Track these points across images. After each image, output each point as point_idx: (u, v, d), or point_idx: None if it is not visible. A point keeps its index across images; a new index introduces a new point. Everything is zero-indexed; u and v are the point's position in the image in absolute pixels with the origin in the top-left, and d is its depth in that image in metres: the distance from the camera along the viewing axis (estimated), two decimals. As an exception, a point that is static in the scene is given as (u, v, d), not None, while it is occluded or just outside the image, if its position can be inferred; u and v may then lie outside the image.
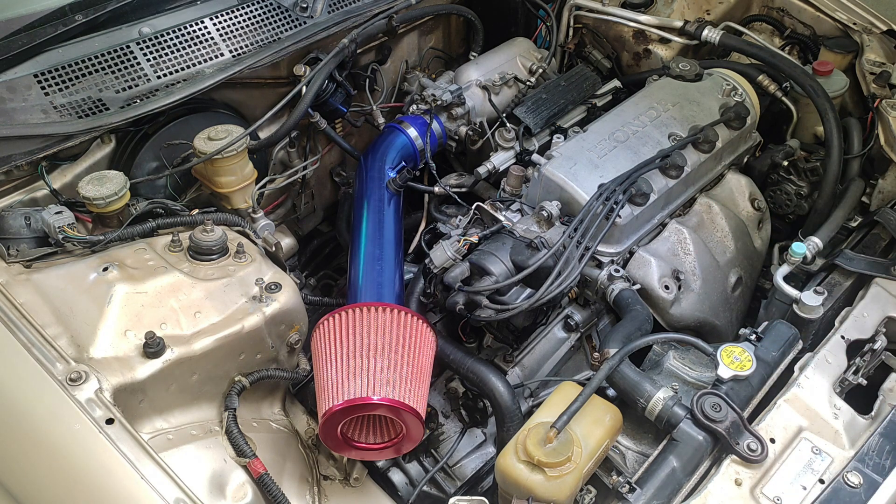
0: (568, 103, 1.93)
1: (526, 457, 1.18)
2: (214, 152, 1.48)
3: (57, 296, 1.23)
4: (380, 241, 1.67)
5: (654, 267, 1.58)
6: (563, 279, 1.45)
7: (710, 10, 2.20)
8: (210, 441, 1.21)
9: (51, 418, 1.06)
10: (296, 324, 1.38)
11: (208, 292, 1.29)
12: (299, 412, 1.46)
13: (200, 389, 1.26)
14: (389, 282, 1.59)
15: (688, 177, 1.69)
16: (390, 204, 1.76)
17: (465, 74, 1.98)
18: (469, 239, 1.56)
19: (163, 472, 1.01)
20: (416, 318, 1.29)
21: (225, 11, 1.63)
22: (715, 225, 1.74)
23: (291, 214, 1.95)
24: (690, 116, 1.77)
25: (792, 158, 1.94)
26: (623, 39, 2.19)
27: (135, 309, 1.23)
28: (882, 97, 1.88)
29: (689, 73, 1.89)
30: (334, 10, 1.77)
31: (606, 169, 1.62)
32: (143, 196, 1.52)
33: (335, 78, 1.78)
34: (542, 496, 1.16)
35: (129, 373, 1.15)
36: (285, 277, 1.38)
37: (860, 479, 1.22)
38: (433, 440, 1.49)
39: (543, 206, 1.57)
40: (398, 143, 1.87)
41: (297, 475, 1.30)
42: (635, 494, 1.24)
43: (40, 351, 1.11)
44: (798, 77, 1.90)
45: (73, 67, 1.44)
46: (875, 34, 2.01)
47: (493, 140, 1.88)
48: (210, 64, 1.58)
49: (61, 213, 1.35)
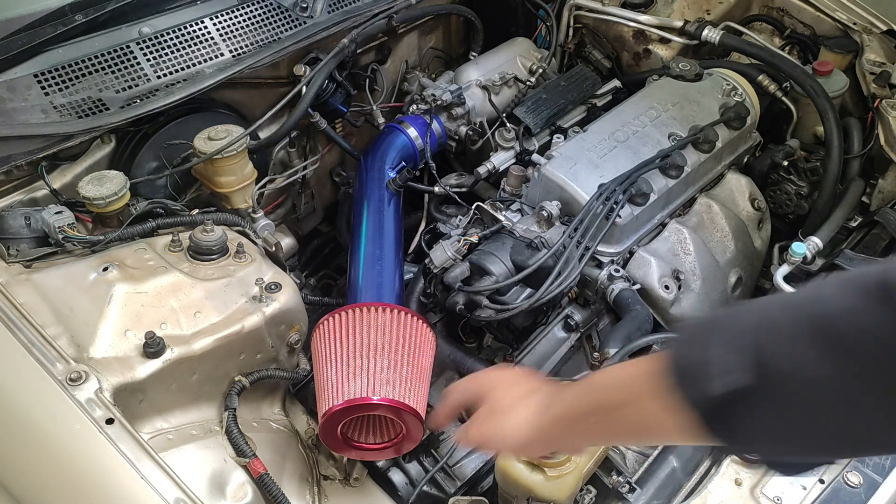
0: (568, 103, 1.93)
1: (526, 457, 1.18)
2: (214, 152, 1.48)
3: (57, 296, 1.23)
4: (380, 241, 1.66)
5: (654, 267, 1.58)
6: (563, 279, 1.45)
7: (710, 10, 2.20)
8: (210, 441, 1.21)
9: (51, 418, 1.06)
10: (296, 324, 1.38)
11: (208, 292, 1.29)
12: (299, 412, 1.46)
13: (200, 389, 1.26)
14: (389, 282, 1.59)
15: (688, 177, 1.69)
16: (390, 204, 1.76)
17: (465, 74, 1.98)
18: (469, 239, 1.56)
19: (163, 472, 1.01)
20: (416, 318, 1.29)
21: (225, 11, 1.63)
22: (715, 225, 1.74)
23: (291, 214, 1.95)
24: (690, 116, 1.77)
25: (792, 158, 1.94)
26: (623, 39, 2.19)
27: (135, 309, 1.23)
28: (882, 97, 1.88)
29: (689, 73, 1.89)
30: (334, 10, 1.77)
31: (606, 169, 1.62)
32: (143, 196, 1.52)
33: (335, 78, 1.78)
34: (542, 496, 1.16)
35: (129, 373, 1.15)
36: (285, 277, 1.38)
37: (860, 478, 1.22)
38: (433, 440, 1.49)
39: (543, 206, 1.57)
40: (398, 143, 1.87)
41: (297, 475, 1.30)
42: (635, 494, 1.24)
43: (40, 351, 1.11)
44: (798, 77, 1.90)
45: (73, 67, 1.44)
46: (875, 34, 2.01)
47: (493, 140, 1.88)
48: (210, 64, 1.58)
49: (61, 213, 1.35)
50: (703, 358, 0.70)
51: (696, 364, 0.71)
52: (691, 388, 0.71)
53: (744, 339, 0.68)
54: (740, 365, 0.66)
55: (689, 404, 0.71)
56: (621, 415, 0.83)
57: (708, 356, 0.69)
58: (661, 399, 0.74)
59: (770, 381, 0.65)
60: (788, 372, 0.65)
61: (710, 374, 0.68)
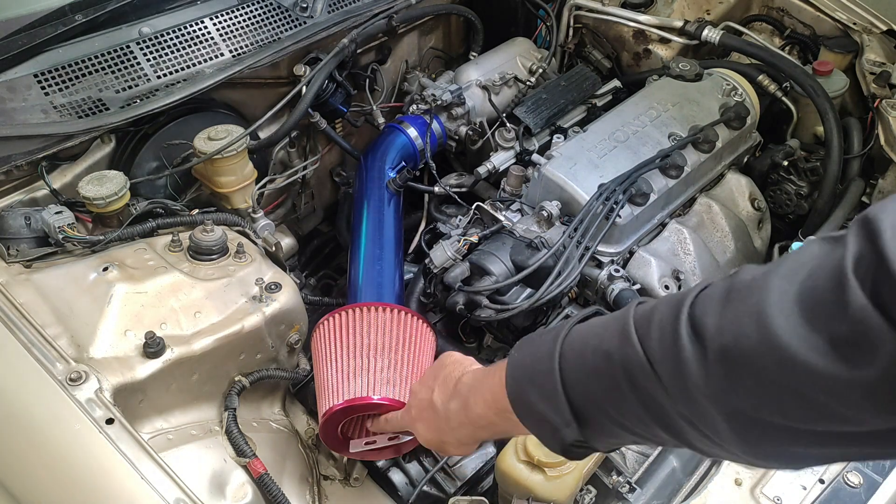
0: (568, 103, 1.93)
1: (526, 457, 1.18)
2: (214, 152, 1.48)
3: (57, 296, 1.23)
4: (380, 240, 1.67)
5: (654, 267, 1.58)
6: (563, 279, 1.45)
7: (710, 10, 2.20)
8: (210, 441, 1.21)
9: (51, 418, 1.06)
10: (296, 324, 1.38)
11: (208, 292, 1.29)
12: (299, 412, 1.46)
13: (200, 389, 1.26)
14: (389, 281, 1.59)
15: (688, 177, 1.69)
16: (390, 204, 1.76)
17: (465, 74, 1.98)
18: (469, 239, 1.56)
19: (163, 472, 1.01)
20: (416, 317, 1.29)
21: (225, 11, 1.63)
22: (715, 225, 1.74)
23: (291, 214, 1.95)
24: (690, 116, 1.77)
25: (792, 158, 1.94)
26: (623, 39, 2.19)
27: (135, 309, 1.23)
28: (882, 97, 1.88)
29: (689, 73, 1.89)
30: (334, 10, 1.77)
31: (606, 169, 1.62)
32: (143, 196, 1.52)
33: (335, 78, 1.78)
34: (542, 496, 1.16)
35: (129, 373, 1.15)
36: (285, 277, 1.38)
37: (860, 478, 1.22)
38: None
39: (543, 206, 1.57)
40: (398, 143, 1.87)
41: (297, 475, 1.30)
42: (635, 494, 1.24)
43: (40, 351, 1.11)
44: (798, 77, 1.90)
45: (73, 67, 1.44)
46: (875, 34, 2.01)
47: (493, 140, 1.88)
48: (210, 64, 1.58)
49: (61, 213, 1.35)
50: (541, 414, 0.80)
51: (538, 419, 0.82)
52: (546, 440, 0.83)
53: (556, 393, 0.78)
54: (567, 419, 0.78)
55: (549, 445, 0.83)
56: (498, 430, 0.94)
57: (542, 412, 0.80)
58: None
59: (591, 420, 0.77)
60: (598, 406, 0.76)
61: (556, 429, 0.79)
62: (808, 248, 0.65)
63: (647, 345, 0.70)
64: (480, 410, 0.92)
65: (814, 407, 0.60)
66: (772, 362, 0.60)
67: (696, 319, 0.67)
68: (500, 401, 0.86)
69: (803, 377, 0.59)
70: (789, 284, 0.61)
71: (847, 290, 0.57)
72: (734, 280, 0.67)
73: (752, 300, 0.63)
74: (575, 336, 0.80)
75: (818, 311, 0.59)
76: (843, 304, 0.57)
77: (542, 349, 0.82)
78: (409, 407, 1.10)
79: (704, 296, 0.69)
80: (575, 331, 0.81)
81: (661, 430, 0.72)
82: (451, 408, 0.98)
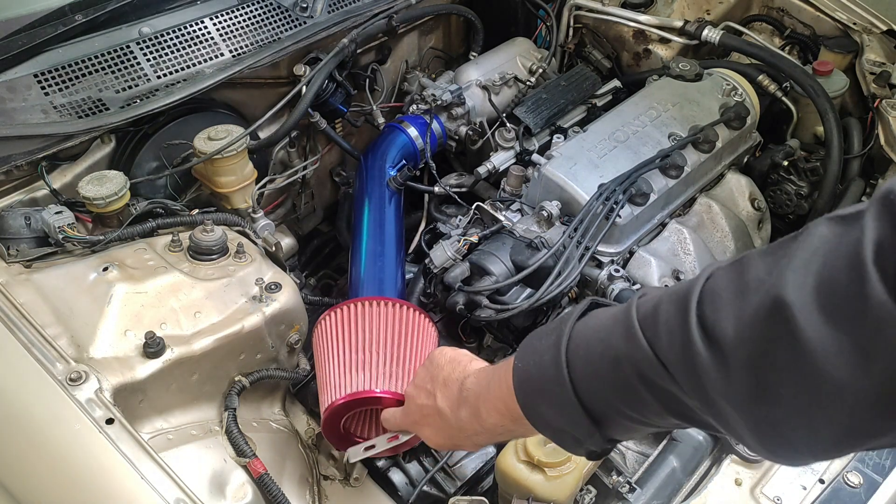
0: (568, 103, 1.93)
1: (526, 457, 1.18)
2: (214, 152, 1.48)
3: (57, 296, 1.23)
4: (381, 238, 1.67)
5: (654, 267, 1.58)
6: (563, 279, 1.45)
7: (710, 10, 2.20)
8: (210, 441, 1.21)
9: (51, 418, 1.06)
10: (296, 324, 1.38)
11: (208, 292, 1.29)
12: (299, 412, 1.46)
13: (200, 389, 1.26)
14: (391, 278, 1.59)
15: (688, 177, 1.69)
16: (391, 202, 1.76)
17: (465, 74, 1.98)
18: (469, 239, 1.56)
19: (163, 472, 1.01)
20: (417, 312, 1.29)
21: (225, 11, 1.63)
22: (715, 225, 1.74)
23: (291, 214, 1.95)
24: (690, 116, 1.77)
25: (792, 158, 1.94)
26: (623, 39, 2.19)
27: (135, 309, 1.23)
28: (882, 97, 1.88)
29: (689, 73, 1.89)
30: (334, 10, 1.77)
31: (606, 169, 1.62)
32: (143, 196, 1.52)
33: (335, 78, 1.78)
34: (542, 496, 1.16)
35: (129, 373, 1.15)
36: (285, 277, 1.38)
37: (860, 478, 1.22)
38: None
39: (543, 206, 1.57)
40: (399, 143, 1.87)
41: (297, 475, 1.30)
42: (635, 494, 1.24)
43: (40, 351, 1.11)
44: (798, 77, 1.90)
45: (73, 67, 1.44)
46: (875, 34, 2.01)
47: (493, 140, 1.88)
48: (210, 64, 1.58)
49: (61, 213, 1.35)
50: (560, 426, 0.80)
51: (557, 430, 0.82)
52: (570, 448, 0.83)
53: (571, 405, 0.76)
54: (590, 430, 0.77)
55: (574, 452, 0.84)
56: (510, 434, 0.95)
57: (561, 426, 0.80)
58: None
59: (609, 421, 0.76)
60: (613, 408, 0.75)
61: (579, 440, 0.80)
62: (816, 230, 0.60)
63: (658, 347, 0.68)
64: (495, 420, 0.89)
65: (843, 424, 0.57)
66: (801, 377, 0.57)
67: (708, 322, 0.63)
68: (513, 410, 0.84)
69: (833, 393, 0.56)
70: (804, 277, 0.57)
71: (867, 283, 0.52)
72: (743, 274, 0.63)
73: (768, 300, 0.59)
74: (578, 341, 0.77)
75: (839, 308, 0.55)
76: (864, 297, 0.53)
77: (546, 358, 0.79)
78: (409, 411, 1.08)
79: (711, 292, 0.65)
80: (576, 334, 0.78)
81: (682, 420, 0.71)
82: (462, 416, 0.94)
